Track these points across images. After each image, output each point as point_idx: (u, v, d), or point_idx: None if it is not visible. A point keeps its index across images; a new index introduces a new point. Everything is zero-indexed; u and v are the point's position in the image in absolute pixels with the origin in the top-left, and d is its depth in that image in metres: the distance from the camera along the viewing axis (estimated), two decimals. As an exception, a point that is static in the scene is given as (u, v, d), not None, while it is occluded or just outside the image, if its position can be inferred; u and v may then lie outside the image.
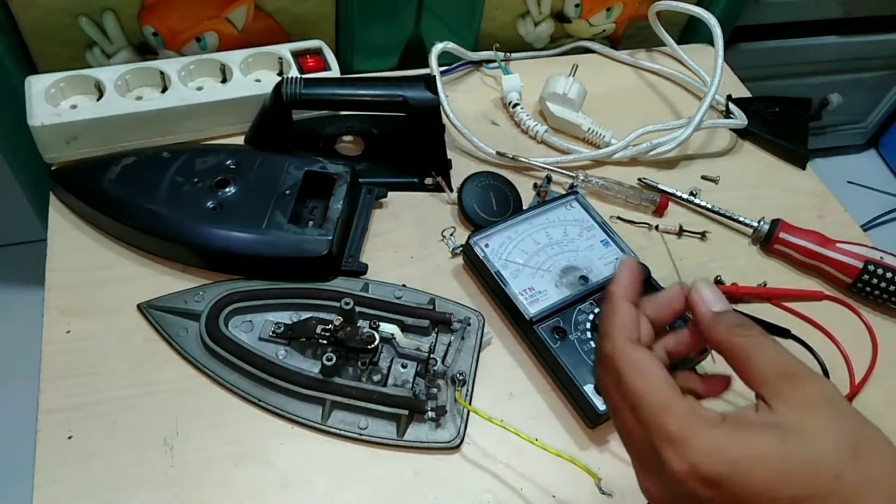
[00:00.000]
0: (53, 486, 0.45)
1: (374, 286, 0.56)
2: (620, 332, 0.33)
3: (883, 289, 0.60)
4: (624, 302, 0.35)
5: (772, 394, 0.30)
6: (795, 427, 0.28)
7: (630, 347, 0.33)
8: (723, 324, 0.33)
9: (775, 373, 0.30)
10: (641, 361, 0.32)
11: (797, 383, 0.30)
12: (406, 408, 0.49)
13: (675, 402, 0.30)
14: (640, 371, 0.32)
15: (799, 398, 0.29)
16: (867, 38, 1.22)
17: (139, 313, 0.54)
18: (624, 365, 0.32)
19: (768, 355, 0.31)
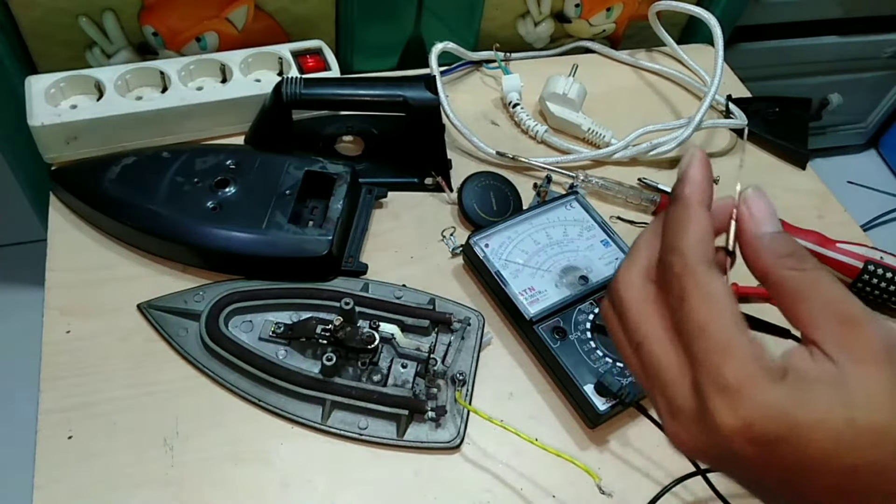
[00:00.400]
0: (53, 486, 0.46)
1: (374, 286, 0.56)
2: (696, 247, 0.28)
3: (883, 289, 0.60)
4: (701, 209, 0.29)
5: (831, 343, 0.26)
6: (859, 386, 0.24)
7: (705, 269, 0.28)
8: (771, 250, 0.28)
9: (834, 317, 0.26)
10: (715, 288, 0.27)
11: (859, 331, 0.26)
12: (406, 408, 0.49)
13: (740, 345, 0.26)
14: (711, 299, 0.27)
15: (862, 350, 0.25)
16: (867, 38, 1.22)
17: (139, 313, 0.54)
18: (692, 287, 0.27)
19: (825, 295, 0.27)
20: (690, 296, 0.27)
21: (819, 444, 0.24)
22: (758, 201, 0.29)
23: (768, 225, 0.29)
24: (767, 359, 0.26)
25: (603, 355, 0.52)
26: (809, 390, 0.25)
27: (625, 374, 0.51)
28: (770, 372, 0.25)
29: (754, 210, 0.29)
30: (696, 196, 0.29)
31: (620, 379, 0.50)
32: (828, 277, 0.27)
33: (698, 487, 0.48)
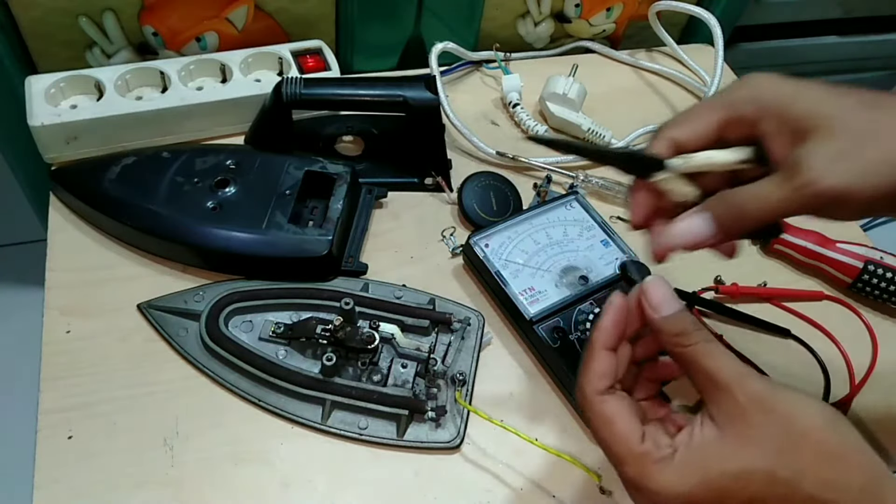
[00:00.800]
0: (53, 486, 0.46)
1: (374, 286, 0.56)
2: (591, 383, 0.36)
3: (883, 289, 0.60)
4: (600, 352, 0.37)
5: (711, 406, 0.33)
6: (729, 439, 0.31)
7: (598, 400, 0.35)
8: (665, 332, 0.35)
9: (711, 385, 0.33)
10: (605, 414, 0.35)
11: (729, 393, 0.32)
12: (406, 408, 0.49)
13: (632, 451, 0.33)
14: (604, 422, 0.35)
15: (732, 408, 0.32)
16: (867, 38, 1.22)
17: (139, 313, 0.54)
18: (591, 416, 0.36)
19: (705, 367, 0.33)
20: (592, 421, 0.36)
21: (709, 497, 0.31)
22: (654, 290, 0.36)
23: (664, 309, 0.35)
24: (655, 449, 0.33)
25: (603, 355, 0.52)
26: (692, 456, 0.32)
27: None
28: (660, 460, 0.33)
29: (651, 299, 0.36)
30: (600, 341, 0.37)
31: (620, 379, 0.50)
32: (707, 348, 0.33)
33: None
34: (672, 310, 0.35)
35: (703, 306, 0.59)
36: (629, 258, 0.58)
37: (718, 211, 0.37)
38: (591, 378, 0.36)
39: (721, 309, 0.59)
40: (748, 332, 0.59)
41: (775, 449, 0.30)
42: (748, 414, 0.31)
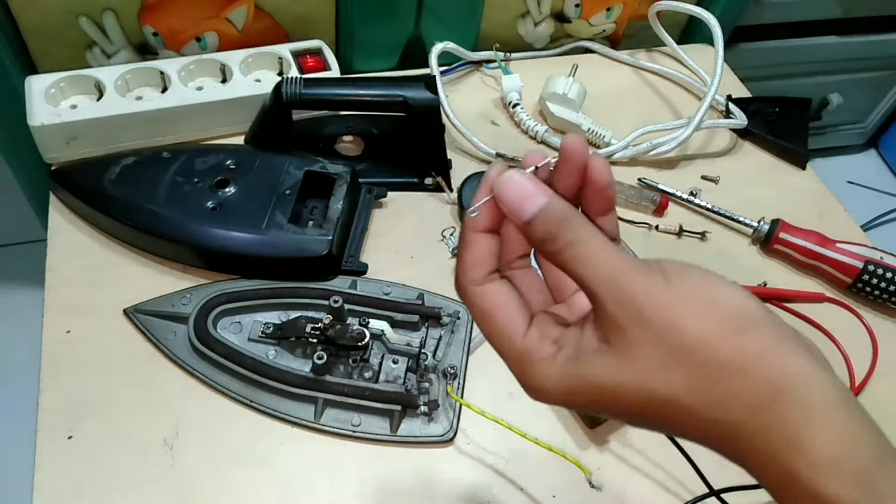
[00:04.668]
0: (53, 486, 0.46)
1: (362, 283, 0.56)
2: (465, 273, 0.31)
3: (883, 289, 0.60)
4: (474, 236, 0.31)
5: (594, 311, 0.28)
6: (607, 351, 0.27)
7: (474, 291, 0.31)
8: (532, 240, 0.29)
9: (588, 293, 0.28)
10: (481, 306, 0.30)
11: (603, 306, 0.27)
12: (398, 403, 0.49)
13: (513, 347, 0.30)
14: (482, 315, 0.31)
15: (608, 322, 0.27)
16: (867, 38, 1.22)
17: (125, 318, 0.53)
18: (469, 307, 0.31)
19: (576, 274, 0.28)
20: (472, 312, 0.31)
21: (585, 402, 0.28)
22: (508, 189, 0.29)
23: (525, 211, 0.29)
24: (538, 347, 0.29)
25: (603, 355, 0.52)
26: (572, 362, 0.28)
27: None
28: (542, 360, 0.29)
29: (506, 201, 0.29)
30: (472, 223, 0.31)
31: (620, 379, 0.50)
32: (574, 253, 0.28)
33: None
34: (533, 209, 0.28)
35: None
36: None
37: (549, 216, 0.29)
38: (464, 267, 0.31)
39: (721, 309, 0.59)
40: (748, 332, 0.59)
41: (654, 366, 0.26)
42: (625, 328, 0.27)
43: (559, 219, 0.28)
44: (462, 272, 0.31)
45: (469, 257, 0.31)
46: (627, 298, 0.26)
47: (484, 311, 0.31)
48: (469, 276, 0.31)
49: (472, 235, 0.31)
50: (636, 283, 0.27)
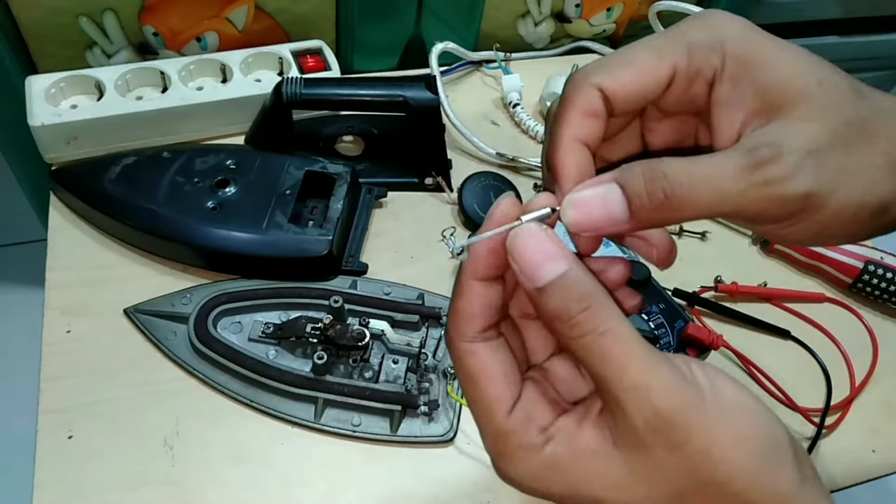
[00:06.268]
0: (53, 486, 0.46)
1: (362, 283, 0.56)
2: (456, 326, 0.26)
3: (883, 289, 0.60)
4: (469, 284, 0.26)
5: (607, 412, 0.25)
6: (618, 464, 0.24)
7: (463, 349, 0.26)
8: (543, 312, 0.24)
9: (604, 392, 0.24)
10: (469, 369, 0.26)
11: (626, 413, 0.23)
12: (398, 403, 0.49)
13: (495, 425, 0.25)
14: (468, 379, 0.26)
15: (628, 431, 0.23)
16: (867, 38, 1.22)
17: (126, 318, 0.53)
18: (454, 363, 0.27)
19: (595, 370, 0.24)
20: (457, 370, 0.27)
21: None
22: (523, 243, 0.25)
23: (538, 275, 0.24)
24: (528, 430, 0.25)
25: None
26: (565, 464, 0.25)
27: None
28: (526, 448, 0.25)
29: (520, 261, 0.25)
30: (470, 269, 0.26)
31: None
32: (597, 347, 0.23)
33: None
34: (550, 276, 0.24)
35: (703, 306, 0.59)
36: (629, 258, 0.58)
37: (637, 187, 0.24)
38: (456, 319, 0.26)
39: (721, 309, 0.59)
40: (748, 332, 0.59)
41: (674, 492, 0.23)
42: (648, 445, 0.23)
43: (581, 292, 0.24)
44: (453, 324, 0.26)
45: (462, 308, 0.26)
46: (659, 415, 0.22)
47: (469, 376, 0.26)
48: (460, 329, 0.26)
49: (467, 283, 0.26)
50: (671, 398, 0.23)
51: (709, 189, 0.24)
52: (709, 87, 0.26)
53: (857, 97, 0.25)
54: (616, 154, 0.30)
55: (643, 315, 0.54)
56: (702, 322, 0.58)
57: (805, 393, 0.55)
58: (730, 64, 0.26)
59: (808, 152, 0.24)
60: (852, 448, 0.53)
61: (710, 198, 0.24)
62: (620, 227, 0.25)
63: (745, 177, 0.24)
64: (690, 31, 0.26)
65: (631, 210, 0.24)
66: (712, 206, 0.24)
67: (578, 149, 0.27)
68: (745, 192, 0.24)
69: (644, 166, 0.24)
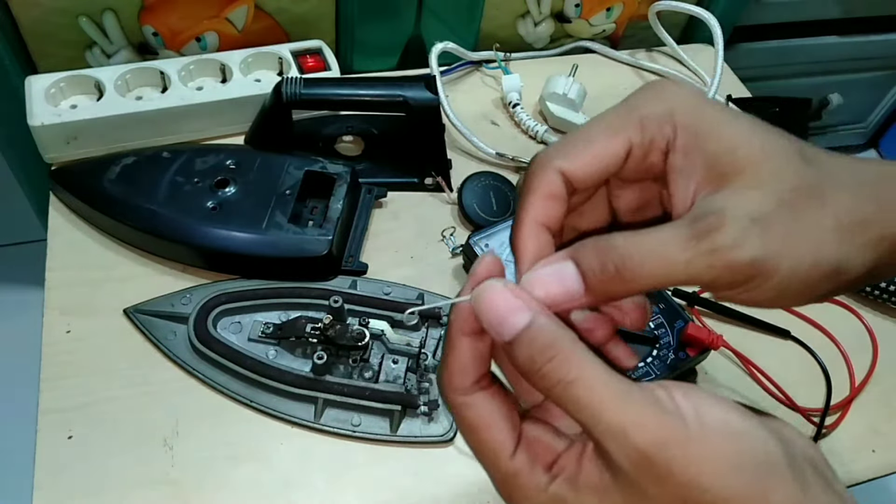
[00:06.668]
0: (53, 486, 0.46)
1: (362, 283, 0.56)
2: (449, 382, 0.27)
3: (883, 289, 0.60)
4: (459, 339, 0.27)
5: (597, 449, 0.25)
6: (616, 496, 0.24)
7: (460, 402, 0.27)
8: (517, 367, 0.25)
9: (588, 434, 0.24)
10: (468, 420, 0.27)
11: (608, 455, 0.24)
12: (398, 403, 0.49)
13: (499, 467, 0.27)
14: (468, 429, 0.27)
15: (616, 469, 0.24)
16: (867, 38, 1.22)
17: (126, 318, 0.53)
18: (453, 416, 0.28)
19: (574, 415, 0.24)
20: (456, 421, 0.28)
21: None
22: (488, 302, 0.25)
23: (507, 329, 0.25)
24: (528, 473, 0.26)
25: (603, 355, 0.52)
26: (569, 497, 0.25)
27: (624, 374, 0.51)
28: (531, 487, 0.26)
29: (486, 315, 0.25)
30: (457, 324, 0.27)
31: (620, 379, 0.50)
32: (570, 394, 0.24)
33: None
34: (516, 327, 0.24)
35: (703, 306, 0.59)
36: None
37: (590, 263, 0.25)
38: (449, 375, 0.27)
39: (721, 309, 0.59)
40: (748, 332, 0.59)
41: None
42: (637, 481, 0.23)
43: (543, 346, 0.24)
44: (447, 380, 0.27)
45: (453, 364, 0.27)
46: (640, 453, 0.23)
47: (469, 426, 0.27)
48: (454, 384, 0.27)
49: (456, 338, 0.27)
50: (648, 434, 0.23)
51: (657, 260, 0.25)
52: (664, 157, 0.27)
53: (803, 162, 0.26)
54: (585, 222, 0.31)
55: (643, 315, 0.54)
56: (702, 322, 0.58)
57: (805, 393, 0.55)
58: (681, 134, 0.27)
59: (752, 220, 0.24)
60: (852, 448, 0.53)
61: (660, 269, 0.25)
62: (579, 302, 0.26)
63: (690, 246, 0.24)
64: (642, 105, 0.28)
65: (586, 284, 0.26)
66: (663, 276, 0.25)
67: (539, 232, 0.28)
68: (692, 262, 0.24)
69: (595, 242, 0.26)
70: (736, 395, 0.55)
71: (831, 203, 0.25)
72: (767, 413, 0.25)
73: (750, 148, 0.26)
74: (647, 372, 0.51)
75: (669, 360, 0.52)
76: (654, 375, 0.51)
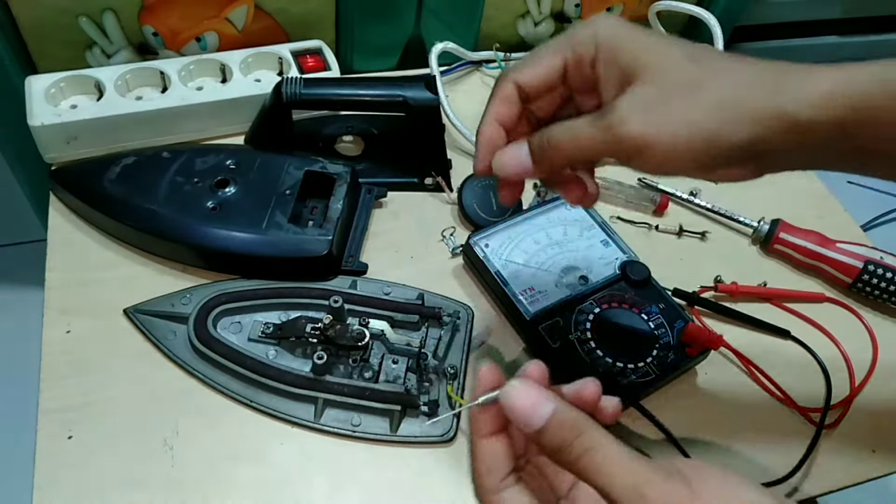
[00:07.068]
0: (53, 486, 0.46)
1: (362, 283, 0.56)
2: (483, 482, 0.33)
3: (883, 289, 0.60)
4: (481, 444, 0.33)
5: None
6: None
7: (494, 500, 0.32)
8: (546, 448, 0.30)
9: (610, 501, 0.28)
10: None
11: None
12: (398, 403, 0.49)
13: None
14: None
15: None
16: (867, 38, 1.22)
17: (125, 318, 0.53)
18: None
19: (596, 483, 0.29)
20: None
21: None
22: (516, 402, 0.30)
23: (534, 421, 0.30)
24: None
25: (603, 355, 0.52)
26: None
27: (625, 374, 0.51)
28: None
29: (515, 414, 0.30)
30: (477, 429, 0.33)
31: (621, 379, 0.50)
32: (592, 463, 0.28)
33: None
34: (543, 418, 0.29)
35: (703, 306, 0.59)
36: (629, 258, 0.58)
37: (535, 143, 0.37)
38: (479, 478, 0.33)
39: (721, 309, 0.59)
40: (748, 332, 0.59)
41: None
42: None
43: (571, 425, 0.29)
44: (479, 483, 0.32)
45: (480, 466, 0.32)
46: None
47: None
48: (486, 485, 0.32)
49: (480, 444, 0.32)
50: (658, 491, 0.27)
51: (572, 136, 0.35)
52: (592, 69, 0.36)
53: (691, 63, 0.34)
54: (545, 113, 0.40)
55: (643, 315, 0.54)
56: (702, 322, 0.58)
57: (805, 393, 0.55)
58: (601, 50, 0.35)
59: (639, 106, 0.33)
60: (852, 448, 0.53)
61: (573, 141, 0.35)
62: (530, 170, 0.37)
63: (593, 125, 0.34)
64: (575, 31, 0.36)
65: (533, 157, 0.37)
66: (576, 148, 0.35)
67: (494, 126, 0.38)
68: (594, 136, 0.34)
69: (542, 130, 0.37)
70: (736, 395, 0.55)
71: (708, 90, 0.33)
72: None
73: (647, 55, 0.34)
74: (647, 372, 0.51)
75: (669, 360, 0.52)
76: (653, 375, 0.51)
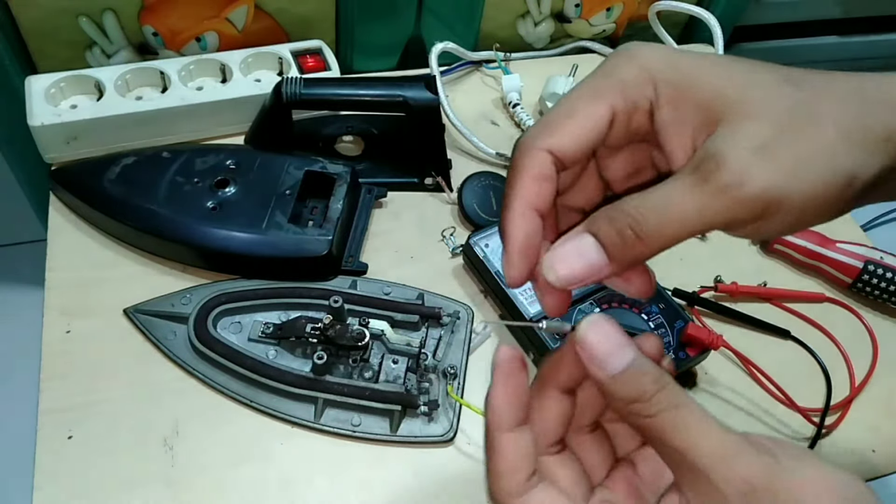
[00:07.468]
0: (53, 486, 0.46)
1: (362, 283, 0.56)
2: (500, 483, 0.26)
3: (883, 289, 0.60)
4: (501, 440, 0.26)
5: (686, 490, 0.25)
6: None
7: (516, 502, 0.26)
8: (619, 398, 0.25)
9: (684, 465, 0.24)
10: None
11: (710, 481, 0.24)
12: (398, 403, 0.49)
13: None
14: None
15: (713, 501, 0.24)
16: (867, 38, 1.22)
17: (126, 318, 0.53)
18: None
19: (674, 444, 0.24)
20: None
21: None
22: (594, 336, 0.26)
23: (612, 363, 0.25)
24: None
25: (603, 355, 0.52)
26: None
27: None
28: None
29: (592, 350, 0.26)
30: (495, 424, 0.27)
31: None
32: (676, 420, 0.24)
33: None
34: (623, 363, 0.25)
35: (703, 306, 0.59)
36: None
37: (607, 232, 0.26)
38: (496, 481, 0.26)
39: (721, 309, 0.59)
40: (748, 332, 0.59)
41: None
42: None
43: (655, 375, 0.25)
44: (497, 487, 0.26)
45: (500, 465, 0.26)
46: (741, 479, 0.23)
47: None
48: (506, 488, 0.26)
49: (496, 438, 0.26)
50: (750, 462, 0.23)
51: (671, 214, 0.25)
52: (649, 116, 0.27)
53: (790, 86, 0.26)
54: (579, 199, 0.31)
55: (643, 315, 0.54)
56: (702, 322, 0.58)
57: (805, 393, 0.55)
58: (663, 90, 0.27)
59: (754, 151, 0.24)
60: (852, 448, 0.53)
61: (675, 222, 0.25)
62: (604, 272, 0.26)
63: (699, 192, 0.24)
64: (619, 70, 0.27)
65: (609, 254, 0.26)
66: (680, 229, 0.25)
67: (529, 216, 0.28)
68: (704, 207, 0.24)
69: (606, 211, 0.26)
70: (736, 394, 0.55)
71: (828, 115, 0.25)
72: None
73: (735, 86, 0.26)
74: (647, 372, 0.51)
75: (669, 360, 0.52)
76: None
